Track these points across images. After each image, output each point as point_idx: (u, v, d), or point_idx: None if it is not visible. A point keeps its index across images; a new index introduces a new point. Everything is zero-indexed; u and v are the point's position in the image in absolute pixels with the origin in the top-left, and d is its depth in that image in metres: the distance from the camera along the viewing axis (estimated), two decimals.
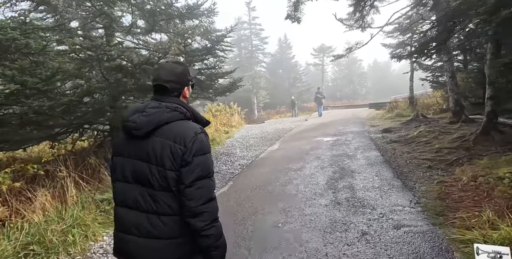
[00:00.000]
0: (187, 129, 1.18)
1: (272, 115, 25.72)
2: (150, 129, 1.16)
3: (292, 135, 10.25)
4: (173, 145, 1.14)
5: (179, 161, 1.13)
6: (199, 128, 1.22)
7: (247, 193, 4.34)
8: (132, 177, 1.19)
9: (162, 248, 1.15)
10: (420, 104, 13.33)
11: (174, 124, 1.19)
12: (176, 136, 1.15)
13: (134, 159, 1.19)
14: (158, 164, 1.14)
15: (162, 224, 1.14)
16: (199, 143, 1.17)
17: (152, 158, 1.15)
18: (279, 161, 6.20)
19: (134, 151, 1.19)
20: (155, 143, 1.16)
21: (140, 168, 1.17)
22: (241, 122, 16.05)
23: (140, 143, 1.18)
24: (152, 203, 1.15)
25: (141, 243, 1.16)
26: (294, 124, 14.44)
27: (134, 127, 1.16)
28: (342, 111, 19.59)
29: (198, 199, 1.12)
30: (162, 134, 1.16)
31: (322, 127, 11.48)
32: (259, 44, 29.01)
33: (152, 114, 1.16)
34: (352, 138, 8.07)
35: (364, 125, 10.90)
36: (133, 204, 1.18)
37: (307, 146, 7.47)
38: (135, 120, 1.16)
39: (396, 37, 13.97)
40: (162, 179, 1.13)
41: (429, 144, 5.90)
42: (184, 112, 1.23)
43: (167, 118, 1.18)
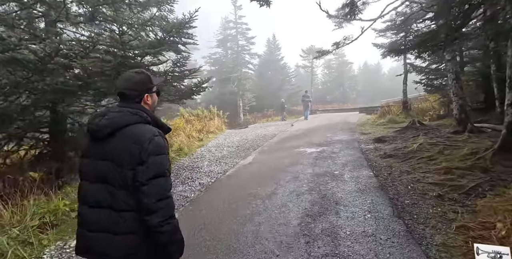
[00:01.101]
0: (145, 131, 1.27)
1: (258, 119, 24.47)
2: (110, 131, 1.25)
3: (273, 143, 8.98)
4: (131, 146, 1.22)
5: (136, 160, 1.21)
6: (156, 131, 1.30)
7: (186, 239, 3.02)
8: (95, 177, 1.28)
9: (122, 243, 1.22)
10: (414, 109, 12.29)
11: (133, 127, 1.27)
12: (134, 137, 1.24)
13: (97, 159, 1.28)
14: (117, 163, 1.23)
15: (122, 220, 1.21)
16: (155, 144, 1.25)
17: (112, 158, 1.24)
18: (247, 182, 4.90)
19: (97, 152, 1.29)
20: (115, 144, 1.25)
21: (102, 168, 1.25)
22: (222, 127, 14.72)
23: (102, 145, 1.27)
24: (112, 201, 1.22)
25: (102, 238, 1.23)
26: (278, 129, 13.21)
27: (96, 129, 1.27)
28: (332, 116, 18.48)
29: (153, 196, 1.18)
30: (122, 136, 1.25)
31: (307, 134, 10.25)
32: (246, 44, 27.75)
33: (113, 118, 1.27)
34: (339, 149, 6.85)
35: (354, 132, 9.73)
36: (95, 202, 1.26)
37: (286, 160, 6.20)
38: (97, 123, 1.27)
39: (389, 36, 12.92)
40: (122, 178, 1.22)
41: (434, 162, 4.71)
42: (144, 117, 1.32)
43: (126, 121, 1.27)
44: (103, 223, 1.23)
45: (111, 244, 1.22)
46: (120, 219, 1.21)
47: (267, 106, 26.66)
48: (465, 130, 6.20)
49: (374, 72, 50.90)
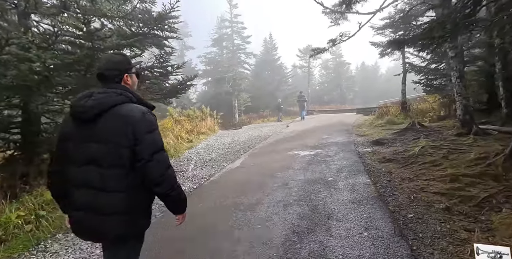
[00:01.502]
0: (135, 110, 1.30)
1: (254, 120, 23.98)
2: (98, 112, 1.26)
3: (265, 146, 8.50)
4: (123, 125, 1.26)
5: (131, 139, 1.25)
6: (145, 109, 1.34)
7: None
8: (83, 159, 1.29)
9: (110, 223, 1.28)
10: (414, 110, 11.85)
11: (121, 106, 1.30)
12: (125, 116, 1.27)
13: (84, 142, 1.29)
14: (110, 144, 1.25)
15: (110, 201, 1.27)
16: (147, 121, 1.31)
17: (102, 139, 1.26)
18: (231, 189, 4.41)
19: (84, 135, 1.29)
20: (104, 125, 1.27)
21: (90, 150, 1.27)
22: (214, 127, 14.23)
23: (90, 126, 1.28)
24: (102, 182, 1.27)
25: (95, 219, 1.28)
26: (273, 130, 12.73)
27: (82, 110, 1.27)
28: (328, 117, 18.04)
29: (158, 170, 1.29)
30: (111, 116, 1.27)
31: (302, 136, 9.78)
32: (241, 44, 27.23)
33: (100, 98, 1.28)
34: (335, 152, 6.38)
35: (350, 134, 9.27)
36: (84, 184, 1.29)
37: (276, 164, 5.72)
38: (83, 104, 1.27)
39: (387, 35, 12.49)
40: (115, 158, 1.26)
41: (438, 167, 4.24)
42: (130, 97, 1.35)
43: (114, 101, 1.29)
44: (95, 204, 1.28)
45: (104, 224, 1.28)
46: (108, 200, 1.27)
47: (263, 107, 26.19)
48: (469, 132, 5.74)
49: (372, 72, 50.61)
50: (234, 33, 26.94)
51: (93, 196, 1.28)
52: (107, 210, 1.27)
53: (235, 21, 26.57)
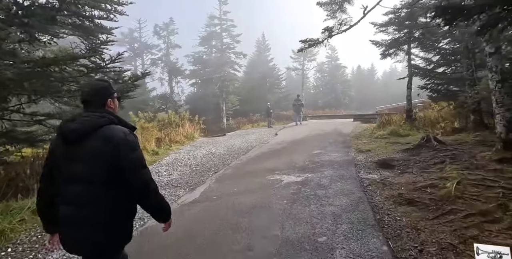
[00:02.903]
0: (117, 131, 1.40)
1: (242, 124, 22.26)
2: (82, 133, 1.36)
3: (243, 163, 6.79)
4: (107, 146, 1.35)
5: (114, 158, 1.35)
6: (127, 130, 1.45)
7: None
8: (70, 177, 1.38)
9: (91, 238, 1.36)
10: (420, 119, 10.28)
11: (104, 128, 1.39)
12: (108, 137, 1.36)
13: (71, 161, 1.38)
14: (94, 163, 1.35)
15: (91, 217, 1.35)
16: (129, 142, 1.40)
17: (88, 158, 1.35)
18: (161, 253, 2.69)
19: (71, 154, 1.38)
20: (89, 145, 1.35)
21: (77, 169, 1.36)
22: (194, 134, 12.51)
23: (75, 147, 1.37)
24: (85, 199, 1.35)
25: (75, 233, 1.38)
26: (259, 139, 11.07)
27: (68, 133, 1.37)
28: (323, 123, 16.41)
29: (142, 185, 1.41)
30: (95, 137, 1.36)
31: (290, 149, 8.11)
32: (231, 42, 25.53)
33: (83, 122, 1.38)
34: (330, 180, 4.71)
35: (349, 148, 7.63)
36: (69, 201, 1.38)
37: (247, 199, 4.02)
38: (68, 126, 1.38)
39: (391, 32, 10.95)
40: (99, 176, 1.35)
41: (498, 226, 2.59)
42: (111, 119, 1.45)
43: (97, 123, 1.39)
44: (78, 220, 1.36)
45: (85, 238, 1.37)
46: (93, 216, 1.35)
47: (254, 111, 24.47)
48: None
49: (368, 77, 49.43)
50: (223, 31, 25.24)
51: (76, 211, 1.35)
52: (88, 225, 1.35)
53: (224, 19, 24.88)
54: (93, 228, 1.36)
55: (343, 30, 5.37)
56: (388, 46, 11.13)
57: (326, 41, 5.69)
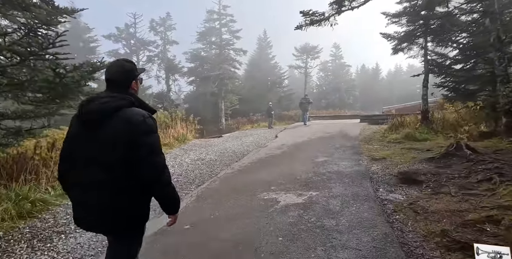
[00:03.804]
0: (137, 114, 1.38)
1: (242, 125, 21.17)
2: (102, 115, 1.35)
3: (233, 174, 5.70)
4: (125, 128, 1.33)
5: (131, 141, 1.33)
6: (146, 113, 1.42)
7: None
8: (87, 159, 1.36)
9: (108, 218, 1.39)
10: (438, 121, 9.13)
11: (124, 110, 1.38)
12: (127, 120, 1.35)
13: (89, 143, 1.36)
14: (112, 145, 1.33)
15: (108, 198, 1.36)
16: (147, 125, 1.38)
17: (106, 140, 1.33)
18: None
19: (89, 136, 1.37)
20: (108, 127, 1.34)
21: (95, 151, 1.35)
22: (187, 136, 11.45)
23: (94, 129, 1.36)
24: (102, 181, 1.34)
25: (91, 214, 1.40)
26: (257, 142, 10.00)
27: (87, 114, 1.37)
28: (327, 124, 15.27)
29: (155, 169, 1.38)
30: (114, 119, 1.35)
31: (291, 156, 7.02)
32: (230, 38, 24.37)
33: (105, 102, 1.36)
34: (341, 201, 3.61)
35: (359, 155, 6.52)
36: (86, 182, 1.37)
37: (227, 233, 2.93)
38: (88, 107, 1.37)
39: (404, 24, 9.79)
40: (116, 159, 1.33)
41: None
42: (132, 101, 1.43)
43: (118, 105, 1.37)
44: (94, 201, 1.36)
45: (102, 218, 1.39)
46: (109, 198, 1.35)
47: (254, 110, 23.36)
48: None
49: (372, 76, 48.15)
50: (222, 27, 24.09)
51: (93, 193, 1.35)
52: (105, 206, 1.36)
53: (223, 14, 23.71)
54: (112, 209, 1.37)
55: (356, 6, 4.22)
56: (401, 39, 9.98)
57: (334, 18, 4.53)
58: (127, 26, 25.92)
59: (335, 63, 38.34)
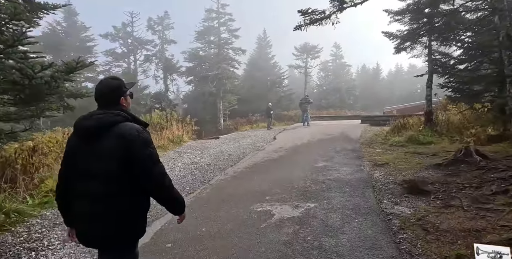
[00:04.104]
0: (131, 128, 1.42)
1: (241, 125, 20.81)
2: (98, 130, 1.39)
3: (226, 180, 5.36)
4: (121, 142, 1.37)
5: (128, 155, 1.36)
6: (140, 128, 1.46)
7: None
8: (86, 174, 1.41)
9: (105, 232, 1.41)
10: (442, 123, 8.78)
11: (119, 125, 1.41)
12: (122, 134, 1.38)
13: (87, 158, 1.41)
14: (110, 160, 1.37)
15: (105, 212, 1.38)
16: (143, 138, 1.41)
17: (104, 155, 1.37)
18: None
19: (87, 152, 1.42)
20: (105, 142, 1.38)
21: (93, 165, 1.39)
22: (183, 137, 11.13)
23: (92, 144, 1.40)
24: (100, 195, 1.38)
25: (90, 228, 1.42)
26: (254, 144, 9.68)
27: (85, 130, 1.43)
28: (328, 125, 14.92)
29: (157, 179, 1.42)
30: (110, 134, 1.39)
31: (288, 160, 6.69)
32: (229, 38, 23.97)
33: (99, 119, 1.41)
34: (341, 215, 3.27)
35: (361, 160, 6.18)
36: (84, 196, 1.41)
37: (212, 255, 2.59)
38: (85, 124, 1.43)
39: (407, 22, 9.43)
40: (114, 173, 1.37)
41: None
42: (126, 116, 1.47)
43: (112, 121, 1.41)
44: (93, 215, 1.39)
45: (100, 232, 1.41)
46: (107, 212, 1.37)
47: (253, 110, 22.98)
48: None
49: (373, 76, 47.73)
50: (221, 26, 23.70)
51: (91, 207, 1.38)
52: (103, 220, 1.38)
53: (222, 12, 23.33)
54: (108, 223, 1.38)
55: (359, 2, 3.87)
56: (403, 38, 9.63)
57: (335, 16, 4.17)
58: (124, 25, 25.55)
59: (336, 63, 37.96)
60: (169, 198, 1.51)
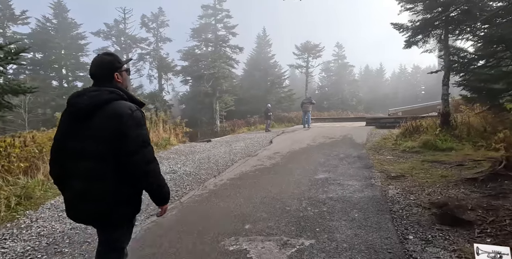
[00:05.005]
0: (124, 107, 1.40)
1: (238, 127, 19.79)
2: (92, 108, 1.37)
3: (202, 197, 4.29)
4: (113, 121, 1.35)
5: (119, 134, 1.34)
6: (134, 106, 1.44)
7: None
8: (78, 153, 1.38)
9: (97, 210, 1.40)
10: (462, 126, 7.67)
11: (113, 104, 1.40)
12: (115, 113, 1.37)
13: (79, 137, 1.39)
14: (101, 138, 1.35)
15: (97, 191, 1.37)
16: (135, 118, 1.40)
17: (96, 134, 1.36)
18: None
19: (79, 130, 1.40)
20: (98, 120, 1.37)
21: (85, 144, 1.37)
22: (169, 140, 10.09)
23: (84, 122, 1.38)
24: (92, 174, 1.37)
25: (81, 206, 1.42)
26: (248, 149, 8.66)
27: (78, 107, 1.38)
28: (330, 128, 13.83)
29: (142, 162, 1.39)
30: (103, 113, 1.37)
31: (283, 170, 5.62)
32: (226, 35, 22.93)
33: (93, 96, 1.39)
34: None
35: (369, 170, 5.10)
36: (76, 175, 1.40)
37: None
38: (78, 101, 1.39)
39: (419, 11, 8.36)
40: (105, 151, 1.35)
41: None
42: (121, 94, 1.45)
43: (106, 99, 1.39)
44: (84, 193, 1.38)
45: (92, 210, 1.40)
46: (99, 190, 1.37)
47: (252, 112, 21.93)
48: None
49: (376, 77, 46.65)
50: (218, 23, 22.69)
51: (83, 185, 1.37)
52: (95, 198, 1.37)
53: (219, 9, 22.30)
54: (103, 201, 1.38)
55: None
56: (415, 30, 8.55)
57: None
58: (116, 22, 24.57)
59: (338, 63, 36.88)
60: (154, 184, 1.45)
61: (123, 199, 1.42)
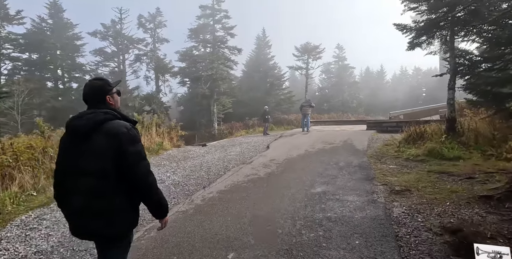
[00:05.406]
0: (120, 125, 1.48)
1: (236, 130, 19.38)
2: (89, 128, 1.44)
3: (186, 214, 3.88)
4: (110, 140, 1.43)
5: (117, 152, 1.42)
6: (129, 125, 1.53)
7: None
8: (79, 171, 1.44)
9: (96, 226, 1.44)
10: (469, 131, 7.25)
11: (109, 123, 1.48)
12: (111, 132, 1.44)
13: (79, 156, 1.45)
14: (100, 156, 1.42)
15: (97, 207, 1.42)
16: (131, 136, 1.48)
17: (95, 152, 1.42)
18: None
19: (79, 150, 1.45)
20: (96, 140, 1.43)
21: (85, 163, 1.43)
22: (162, 144, 9.69)
23: (83, 142, 1.44)
24: (91, 191, 1.41)
25: (82, 222, 1.46)
26: (243, 154, 8.27)
27: (76, 129, 1.47)
28: (330, 131, 13.41)
29: (142, 176, 1.47)
30: (100, 132, 1.44)
31: (278, 180, 5.20)
32: (224, 36, 22.55)
33: (90, 118, 1.47)
34: None
35: (371, 183, 4.68)
36: (77, 192, 1.44)
37: None
38: (76, 123, 1.48)
39: (424, 11, 7.96)
40: (104, 169, 1.41)
41: None
42: (115, 115, 1.54)
43: (102, 119, 1.47)
44: (85, 210, 1.42)
45: (91, 226, 1.44)
46: (98, 206, 1.41)
47: (251, 114, 21.53)
48: None
49: (377, 79, 46.25)
50: (216, 23, 22.32)
51: (83, 202, 1.41)
52: (94, 214, 1.42)
53: (217, 9, 21.93)
54: (102, 218, 1.42)
55: None
56: (419, 31, 8.15)
57: None
58: (113, 23, 24.20)
59: (338, 65, 36.47)
60: (152, 197, 1.52)
61: (123, 215, 1.49)
